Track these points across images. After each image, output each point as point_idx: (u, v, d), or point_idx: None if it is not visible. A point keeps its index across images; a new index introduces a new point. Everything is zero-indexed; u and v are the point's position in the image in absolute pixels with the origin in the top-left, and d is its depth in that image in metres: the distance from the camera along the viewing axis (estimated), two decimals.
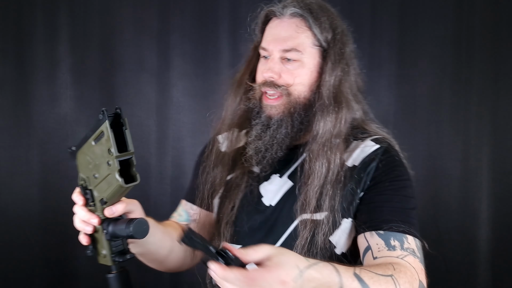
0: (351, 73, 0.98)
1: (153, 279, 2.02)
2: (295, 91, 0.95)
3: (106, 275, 0.76)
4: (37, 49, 1.95)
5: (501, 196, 2.01)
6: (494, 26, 2.02)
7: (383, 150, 0.94)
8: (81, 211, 0.78)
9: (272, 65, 0.95)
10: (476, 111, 2.03)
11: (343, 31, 0.98)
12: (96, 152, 0.72)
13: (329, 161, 0.91)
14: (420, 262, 0.84)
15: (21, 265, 1.96)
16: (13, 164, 1.95)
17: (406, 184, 0.92)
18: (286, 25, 0.96)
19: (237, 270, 0.63)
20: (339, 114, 0.93)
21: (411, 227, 0.86)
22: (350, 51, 0.99)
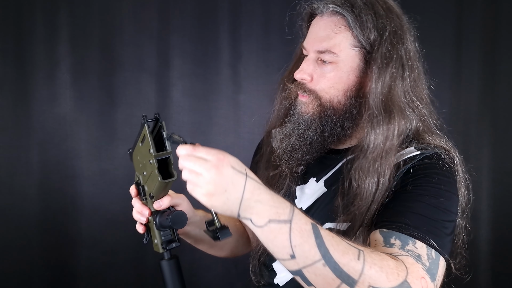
0: (406, 77, 0.88)
1: (153, 278, 2.02)
2: (327, 95, 0.89)
3: (159, 261, 0.86)
4: (37, 49, 1.95)
5: (501, 196, 2.01)
6: (494, 26, 2.02)
7: (423, 156, 0.84)
8: (136, 203, 0.89)
9: (305, 66, 0.91)
10: (476, 111, 2.03)
11: (395, 30, 0.87)
12: (142, 152, 0.82)
13: (379, 178, 0.83)
14: (425, 272, 0.71)
15: (21, 265, 1.95)
16: (13, 164, 1.94)
17: (439, 194, 0.80)
18: (324, 24, 0.89)
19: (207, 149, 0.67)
20: (391, 125, 0.84)
21: (428, 235, 0.74)
22: (406, 52, 0.89)
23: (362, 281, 0.66)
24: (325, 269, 0.66)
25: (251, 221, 0.67)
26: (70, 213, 1.99)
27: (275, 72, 2.02)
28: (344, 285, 0.66)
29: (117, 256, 2.01)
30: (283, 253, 0.67)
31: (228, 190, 0.65)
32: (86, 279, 2.00)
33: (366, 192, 0.83)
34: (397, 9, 0.91)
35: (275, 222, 0.66)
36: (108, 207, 2.00)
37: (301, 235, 0.67)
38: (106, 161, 2.00)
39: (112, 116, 2.00)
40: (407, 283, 0.68)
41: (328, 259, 0.66)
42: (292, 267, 0.68)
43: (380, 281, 0.67)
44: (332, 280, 0.66)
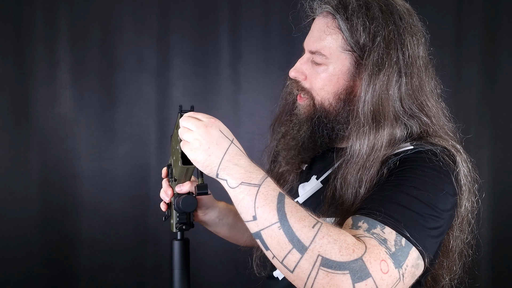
0: (403, 84, 0.83)
1: (153, 279, 2.02)
2: (318, 96, 0.89)
3: (171, 240, 0.92)
4: (37, 49, 1.95)
5: (501, 196, 2.01)
6: (494, 26, 2.02)
7: (415, 151, 0.81)
8: (164, 183, 0.97)
9: (298, 64, 0.92)
10: (476, 111, 2.03)
11: (392, 34, 0.83)
12: (175, 138, 0.87)
13: (359, 189, 0.82)
14: (388, 256, 0.67)
15: (21, 265, 1.95)
16: (13, 164, 1.95)
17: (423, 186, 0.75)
18: (318, 24, 0.89)
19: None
20: (378, 135, 0.81)
21: (401, 224, 0.71)
22: (405, 58, 0.84)
23: (312, 248, 0.67)
24: (280, 232, 0.68)
25: (227, 182, 0.73)
26: (70, 213, 1.99)
27: (275, 72, 2.04)
28: (294, 250, 0.67)
29: (117, 256, 2.01)
30: (247, 214, 0.71)
31: (211, 148, 0.73)
32: (86, 279, 2.00)
33: (346, 200, 0.83)
34: (402, 9, 0.87)
35: (246, 184, 0.72)
36: (108, 207, 2.00)
37: (265, 198, 0.70)
38: (106, 161, 2.00)
39: (112, 116, 2.00)
40: (361, 261, 0.66)
41: (283, 223, 0.69)
42: (254, 228, 0.71)
43: (331, 252, 0.66)
44: (284, 244, 0.68)
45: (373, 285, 0.66)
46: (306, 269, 0.67)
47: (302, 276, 0.67)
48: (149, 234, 2.03)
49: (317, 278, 0.66)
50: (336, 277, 0.65)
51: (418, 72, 0.86)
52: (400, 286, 0.69)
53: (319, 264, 0.66)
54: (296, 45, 2.04)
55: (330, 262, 0.66)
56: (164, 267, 2.03)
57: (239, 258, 2.06)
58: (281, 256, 0.68)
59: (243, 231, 1.11)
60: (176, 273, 0.92)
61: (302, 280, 0.68)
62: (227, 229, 1.10)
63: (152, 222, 2.02)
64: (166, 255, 2.03)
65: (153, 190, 2.02)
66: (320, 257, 0.66)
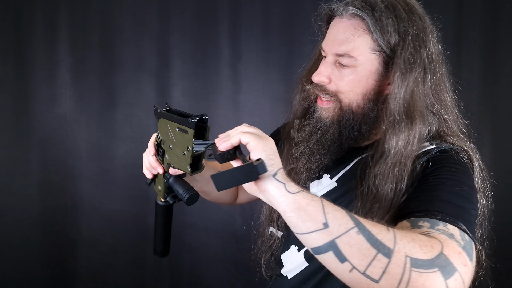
0: (427, 81, 0.86)
1: (153, 279, 2.02)
2: (346, 98, 0.89)
3: (156, 201, 0.95)
4: (37, 49, 1.95)
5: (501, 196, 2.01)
6: (494, 26, 2.02)
7: (439, 149, 0.84)
8: (150, 157, 0.92)
9: (323, 69, 0.90)
10: (476, 111, 2.03)
11: (417, 33, 0.85)
12: (177, 136, 0.84)
13: (397, 184, 0.81)
14: (462, 249, 0.65)
15: (21, 265, 1.96)
16: (13, 164, 1.95)
17: (461, 182, 0.78)
18: (343, 27, 0.87)
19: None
20: (412, 131, 0.83)
21: (458, 220, 0.70)
22: (428, 55, 0.87)
23: (398, 250, 0.62)
24: (359, 237, 0.63)
25: (285, 186, 0.68)
26: (70, 213, 1.99)
27: (275, 72, 2.04)
28: (380, 255, 0.62)
29: (117, 256, 2.01)
30: (316, 221, 0.65)
31: (276, 153, 0.71)
32: (86, 279, 2.00)
33: (384, 199, 0.81)
34: (420, 9, 0.89)
35: (306, 192, 0.68)
36: (108, 207, 2.01)
37: (331, 205, 0.67)
38: (106, 161, 2.00)
39: (112, 116, 2.00)
40: (444, 255, 0.63)
41: (361, 227, 0.64)
42: (325, 239, 0.64)
43: (416, 251, 0.62)
44: (367, 250, 0.62)
45: (460, 279, 0.64)
46: (397, 273, 0.62)
47: (392, 283, 0.62)
48: (149, 234, 2.03)
49: (411, 281, 0.61)
50: (430, 277, 0.61)
51: (438, 68, 0.89)
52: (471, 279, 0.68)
53: (409, 266, 0.62)
54: (296, 45, 2.05)
55: (419, 262, 0.62)
56: (164, 267, 2.03)
57: (239, 258, 2.06)
58: (364, 265, 0.63)
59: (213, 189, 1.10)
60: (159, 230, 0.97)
61: (392, 286, 0.62)
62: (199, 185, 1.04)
63: (152, 222, 2.01)
64: None
65: (153, 190, 2.02)
66: (409, 258, 0.62)
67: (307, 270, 0.91)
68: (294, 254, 0.94)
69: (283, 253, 0.97)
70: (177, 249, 2.00)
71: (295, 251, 0.94)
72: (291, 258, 0.94)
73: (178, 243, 2.00)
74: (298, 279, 0.93)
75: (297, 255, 0.93)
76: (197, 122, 0.78)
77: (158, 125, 0.88)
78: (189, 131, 0.80)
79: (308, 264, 0.91)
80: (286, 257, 0.96)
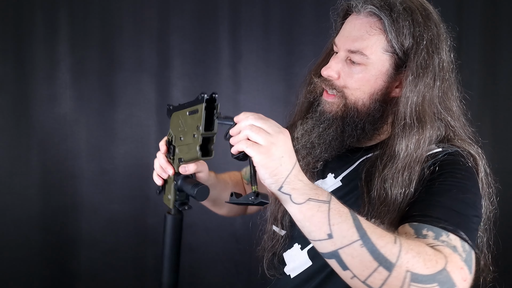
0: (436, 88, 0.86)
1: (153, 279, 2.02)
2: (352, 95, 0.88)
3: (165, 214, 0.91)
4: (37, 49, 1.95)
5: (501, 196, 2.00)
6: (494, 26, 2.02)
7: (445, 153, 0.84)
8: (162, 158, 0.92)
9: (333, 63, 0.89)
10: (476, 111, 2.03)
11: (431, 39, 0.85)
12: (187, 121, 0.85)
13: (406, 188, 0.82)
14: (464, 262, 0.68)
15: (21, 265, 1.96)
16: (13, 164, 1.95)
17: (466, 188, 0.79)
18: (359, 24, 0.87)
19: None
20: (423, 136, 0.83)
21: (460, 229, 0.72)
22: (440, 63, 0.86)
23: (400, 265, 0.65)
24: (363, 250, 0.65)
25: (291, 197, 0.69)
26: (70, 213, 1.99)
27: (275, 72, 2.04)
28: (381, 268, 0.65)
29: (117, 256, 2.01)
30: (321, 232, 0.67)
31: (284, 158, 0.69)
32: (86, 279, 2.00)
33: (393, 203, 0.82)
34: (436, 17, 0.89)
35: (314, 200, 0.68)
36: (108, 207, 2.01)
37: (339, 215, 0.67)
38: (106, 161, 2.00)
39: (112, 116, 2.00)
40: (446, 271, 0.66)
41: (366, 240, 0.65)
42: (329, 248, 0.67)
43: (418, 266, 0.65)
44: (369, 262, 0.65)
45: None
46: (396, 286, 0.65)
47: None
48: (149, 234, 2.03)
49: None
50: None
51: (448, 77, 0.89)
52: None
53: (409, 280, 0.65)
54: (296, 45, 2.05)
55: (419, 277, 0.65)
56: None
57: (239, 258, 2.07)
58: (365, 275, 0.66)
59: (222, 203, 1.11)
60: (168, 248, 0.92)
61: None
62: (212, 200, 1.07)
63: (152, 222, 2.02)
64: None
65: (153, 190, 2.02)
66: (409, 273, 0.65)
67: (311, 269, 0.91)
68: (297, 253, 0.94)
69: (285, 251, 0.97)
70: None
71: (298, 249, 0.94)
72: (294, 256, 0.94)
73: None
74: (301, 278, 0.93)
75: (300, 254, 0.93)
76: (207, 97, 0.79)
77: (171, 122, 0.91)
78: (199, 108, 0.80)
79: (312, 263, 0.91)
80: (289, 256, 0.96)
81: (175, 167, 0.91)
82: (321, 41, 1.04)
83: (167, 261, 0.94)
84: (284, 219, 0.98)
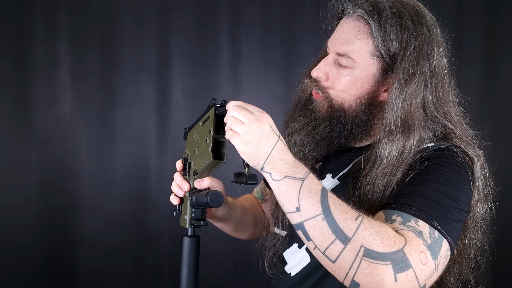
0: (428, 94, 0.86)
1: (153, 279, 2.02)
2: (338, 97, 0.90)
3: (182, 236, 0.93)
4: (37, 49, 1.95)
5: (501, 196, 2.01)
6: (494, 26, 2.02)
7: (436, 147, 0.85)
8: (178, 177, 0.95)
9: (322, 65, 0.91)
10: (476, 111, 2.03)
11: (421, 45, 0.85)
12: (201, 132, 0.89)
13: (385, 191, 0.84)
14: (426, 247, 0.70)
15: (21, 265, 1.96)
16: (13, 164, 1.95)
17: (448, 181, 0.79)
18: (348, 27, 0.89)
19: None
20: (408, 142, 0.84)
21: (432, 217, 0.74)
22: (431, 68, 0.86)
23: (355, 239, 0.69)
24: (323, 223, 0.71)
25: (271, 175, 0.76)
26: (70, 213, 1.99)
27: (275, 72, 2.04)
28: (337, 241, 0.70)
29: (117, 256, 2.01)
30: (290, 205, 0.74)
31: (261, 143, 0.76)
32: (86, 279, 2.00)
33: (374, 202, 0.85)
34: (430, 21, 0.89)
35: (290, 178, 0.75)
36: (108, 207, 2.01)
37: (309, 191, 0.73)
38: (106, 161, 2.00)
39: (112, 116, 2.00)
40: (403, 252, 0.68)
41: (327, 214, 0.71)
42: (296, 219, 0.73)
43: (374, 244, 0.68)
44: (328, 235, 0.70)
45: (413, 275, 0.68)
46: (349, 259, 0.69)
47: (344, 266, 0.69)
48: (149, 234, 2.03)
49: (360, 268, 0.68)
50: (379, 267, 0.67)
51: (442, 82, 0.89)
52: (434, 277, 0.73)
53: (361, 255, 0.68)
54: (296, 45, 2.05)
55: (372, 253, 0.68)
56: (164, 267, 2.03)
57: (239, 258, 2.07)
58: (324, 246, 0.71)
59: (247, 225, 1.12)
60: (185, 270, 0.92)
61: (344, 270, 0.69)
62: (233, 224, 1.10)
63: (152, 222, 2.02)
64: (166, 255, 2.03)
65: (153, 190, 2.02)
66: (363, 248, 0.68)
67: (310, 265, 0.93)
68: (296, 251, 0.96)
69: (285, 250, 0.99)
70: (177, 249, 2.00)
71: (296, 247, 0.96)
72: (293, 254, 0.97)
73: (178, 243, 2.00)
74: (301, 275, 0.95)
75: (299, 251, 0.95)
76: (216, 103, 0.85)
77: (186, 142, 0.95)
78: (210, 114, 0.86)
79: (310, 260, 0.93)
80: (288, 254, 0.98)
81: (191, 182, 0.94)
82: (321, 41, 1.04)
83: (186, 283, 0.92)
84: (284, 219, 0.99)
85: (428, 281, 0.71)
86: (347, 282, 0.70)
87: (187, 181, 0.94)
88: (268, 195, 1.16)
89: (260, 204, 1.19)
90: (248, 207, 1.13)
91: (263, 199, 1.18)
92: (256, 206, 1.17)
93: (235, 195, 1.14)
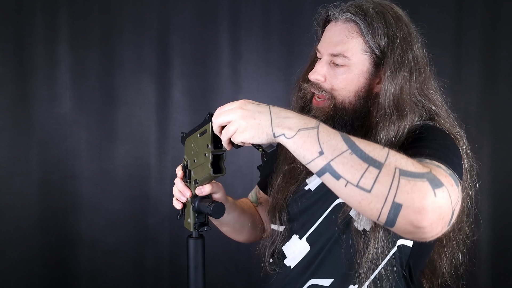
0: (413, 81, 0.95)
1: (153, 279, 2.02)
2: (339, 95, 0.96)
3: (187, 238, 0.95)
4: (37, 49, 1.95)
5: (501, 196, 2.01)
6: (494, 26, 2.02)
7: (425, 124, 0.92)
8: (179, 183, 0.97)
9: (318, 67, 0.97)
10: (476, 111, 2.03)
11: (404, 37, 0.95)
12: (199, 143, 0.91)
13: None
14: (449, 176, 0.73)
15: (21, 265, 1.96)
16: (13, 164, 1.95)
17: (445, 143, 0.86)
18: (338, 30, 0.96)
19: None
20: (402, 123, 0.91)
21: (446, 161, 0.77)
22: (414, 58, 0.96)
23: (388, 163, 0.70)
24: (352, 156, 0.71)
25: (284, 135, 0.76)
26: (70, 213, 1.99)
27: (275, 72, 2.04)
28: (371, 167, 0.70)
29: (117, 256, 2.01)
30: (312, 152, 0.73)
31: (256, 118, 0.77)
32: (86, 279, 2.00)
33: None
34: (405, 18, 0.99)
35: (303, 129, 0.75)
36: (108, 207, 2.01)
37: (328, 134, 0.74)
38: (106, 161, 2.00)
39: (112, 116, 2.00)
40: (432, 173, 0.70)
41: (354, 148, 0.72)
42: (320, 164, 0.72)
43: (406, 165, 0.70)
44: (359, 165, 0.70)
45: (447, 193, 0.70)
46: (387, 181, 0.69)
47: (382, 191, 0.69)
48: (149, 234, 2.03)
49: (400, 186, 0.68)
50: (418, 183, 0.68)
51: (423, 70, 0.98)
52: (459, 206, 0.74)
53: (398, 174, 0.69)
54: (296, 45, 2.05)
55: (408, 172, 0.69)
56: (164, 267, 2.03)
57: (239, 258, 2.06)
58: (357, 178, 0.70)
59: (245, 226, 1.14)
60: (192, 271, 0.97)
61: (382, 195, 0.69)
62: (232, 224, 1.12)
63: (152, 222, 2.02)
64: (166, 255, 2.03)
65: (153, 190, 2.02)
66: (398, 169, 0.69)
67: (309, 254, 0.96)
68: (296, 243, 0.99)
69: (285, 244, 1.02)
70: (177, 249, 2.00)
71: (296, 239, 0.99)
72: (293, 246, 1.00)
73: (178, 243, 2.00)
74: (301, 266, 0.98)
75: (299, 242, 0.99)
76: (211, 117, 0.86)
77: (185, 148, 0.96)
78: (207, 128, 0.87)
79: (310, 248, 0.96)
80: (288, 247, 1.01)
81: (192, 189, 0.95)
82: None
83: (193, 284, 0.99)
84: (282, 214, 1.04)
85: (456, 208, 0.72)
86: (386, 209, 0.69)
87: (188, 187, 0.96)
88: (262, 199, 1.19)
89: (255, 208, 1.21)
90: (246, 209, 1.16)
91: (258, 202, 1.20)
92: (253, 209, 1.19)
93: (235, 195, 1.14)
